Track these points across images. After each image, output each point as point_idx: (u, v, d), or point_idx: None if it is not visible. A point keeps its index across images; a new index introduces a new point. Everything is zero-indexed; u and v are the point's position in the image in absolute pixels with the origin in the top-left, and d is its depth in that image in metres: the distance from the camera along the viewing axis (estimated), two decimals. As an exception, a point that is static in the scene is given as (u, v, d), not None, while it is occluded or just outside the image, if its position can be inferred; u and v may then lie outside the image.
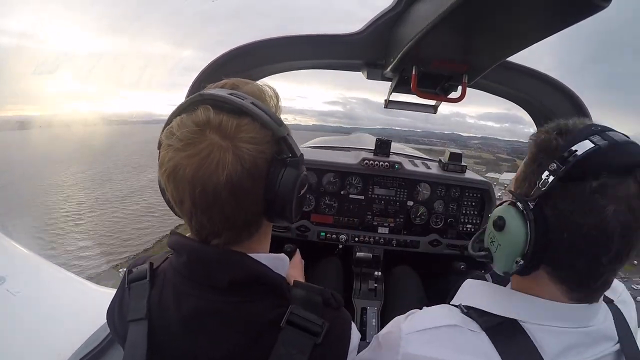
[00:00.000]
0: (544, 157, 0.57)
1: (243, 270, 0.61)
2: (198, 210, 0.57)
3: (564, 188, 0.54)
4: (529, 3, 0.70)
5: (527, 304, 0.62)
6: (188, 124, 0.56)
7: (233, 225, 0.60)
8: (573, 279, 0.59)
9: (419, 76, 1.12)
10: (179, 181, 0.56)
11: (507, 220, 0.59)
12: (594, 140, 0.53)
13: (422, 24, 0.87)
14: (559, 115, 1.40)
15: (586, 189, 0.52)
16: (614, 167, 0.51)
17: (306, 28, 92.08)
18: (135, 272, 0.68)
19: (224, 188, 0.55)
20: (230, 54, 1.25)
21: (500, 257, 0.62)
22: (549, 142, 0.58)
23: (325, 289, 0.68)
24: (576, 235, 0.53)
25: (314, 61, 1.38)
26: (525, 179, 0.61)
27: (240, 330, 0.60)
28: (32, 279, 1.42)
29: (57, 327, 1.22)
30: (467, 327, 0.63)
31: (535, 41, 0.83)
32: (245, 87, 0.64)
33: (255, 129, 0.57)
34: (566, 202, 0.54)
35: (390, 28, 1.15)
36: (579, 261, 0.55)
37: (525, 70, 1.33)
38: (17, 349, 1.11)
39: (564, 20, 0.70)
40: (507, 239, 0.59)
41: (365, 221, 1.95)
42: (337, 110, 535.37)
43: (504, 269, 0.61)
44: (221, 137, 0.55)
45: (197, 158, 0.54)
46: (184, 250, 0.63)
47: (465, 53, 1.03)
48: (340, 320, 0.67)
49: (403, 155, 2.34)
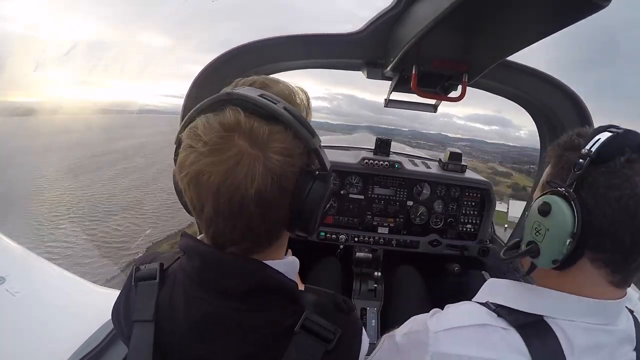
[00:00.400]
0: (570, 154, 0.63)
1: (258, 279, 0.59)
2: (219, 219, 0.55)
3: (597, 169, 0.59)
4: (529, 3, 0.70)
5: (558, 300, 0.64)
6: (215, 126, 0.52)
7: (255, 235, 0.58)
8: (617, 258, 0.61)
9: (419, 75, 1.12)
10: (202, 187, 0.52)
11: (552, 204, 0.61)
12: (611, 130, 0.61)
13: (422, 23, 0.87)
14: (559, 114, 1.41)
15: (617, 164, 0.58)
16: (633, 146, 0.59)
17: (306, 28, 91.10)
18: (144, 271, 0.66)
19: (251, 201, 0.52)
20: (231, 53, 1.25)
21: (550, 242, 0.62)
22: (572, 141, 0.65)
23: (336, 293, 0.67)
24: (616, 208, 0.57)
25: (314, 61, 1.38)
26: (555, 177, 0.66)
27: (253, 338, 0.58)
28: (32, 279, 1.42)
29: (57, 327, 1.22)
30: (498, 325, 0.64)
31: (535, 40, 0.83)
32: (276, 87, 0.61)
33: (287, 138, 0.54)
34: (601, 181, 0.59)
35: (390, 27, 1.15)
36: (622, 235, 0.58)
37: (526, 70, 1.33)
38: (17, 349, 1.11)
39: (563, 19, 0.71)
40: (555, 221, 0.60)
41: (365, 221, 1.95)
42: (323, 106, 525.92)
43: (554, 255, 0.61)
44: (251, 145, 0.51)
45: (225, 167, 0.51)
46: (197, 255, 0.60)
47: (465, 52, 1.04)
48: (352, 326, 0.65)
49: (403, 154, 2.34)
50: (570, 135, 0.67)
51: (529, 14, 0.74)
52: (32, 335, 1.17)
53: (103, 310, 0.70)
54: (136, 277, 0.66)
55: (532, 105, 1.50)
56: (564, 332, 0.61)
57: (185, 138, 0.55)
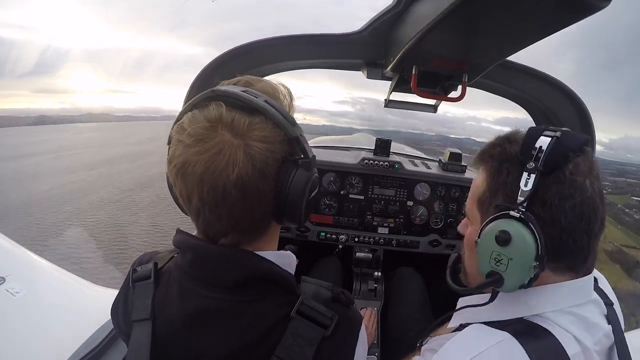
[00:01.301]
0: (509, 165, 0.62)
1: (249, 269, 0.60)
2: (206, 208, 0.56)
3: (546, 181, 0.58)
4: (529, 2, 0.70)
5: (541, 295, 0.64)
6: (200, 119, 0.55)
7: (241, 225, 0.59)
8: (578, 261, 0.62)
9: (419, 75, 1.12)
10: (187, 177, 0.55)
11: (511, 231, 0.58)
12: (547, 134, 0.60)
13: (422, 23, 0.87)
14: (559, 115, 1.40)
15: (565, 173, 0.58)
16: (574, 149, 0.59)
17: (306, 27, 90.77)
18: (140, 272, 0.67)
19: (233, 186, 0.54)
20: (230, 53, 1.25)
21: (515, 271, 0.59)
22: (507, 152, 0.63)
23: (337, 287, 0.68)
24: (572, 218, 0.57)
25: (314, 60, 1.38)
26: (496, 193, 0.64)
27: (247, 329, 0.59)
28: (32, 279, 1.42)
29: (57, 327, 1.22)
30: (509, 335, 0.60)
31: (535, 40, 0.83)
32: (258, 85, 0.63)
33: (267, 127, 0.56)
34: (553, 192, 0.58)
35: (390, 27, 1.15)
36: (580, 241, 0.59)
37: (526, 70, 1.33)
38: (18, 349, 1.11)
39: (563, 19, 0.71)
40: (517, 249, 0.58)
41: (365, 221, 1.95)
42: (347, 110, 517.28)
43: (521, 282, 0.59)
44: (233, 135, 0.54)
45: (208, 155, 0.53)
46: (189, 248, 0.62)
47: (465, 52, 1.04)
48: (350, 316, 0.66)
49: (403, 155, 2.34)
50: (500, 144, 0.64)
51: (529, 14, 0.74)
52: (32, 335, 1.17)
53: (103, 310, 0.70)
54: (133, 279, 0.67)
55: (532, 105, 1.50)
56: (552, 323, 0.61)
57: (174, 134, 0.58)
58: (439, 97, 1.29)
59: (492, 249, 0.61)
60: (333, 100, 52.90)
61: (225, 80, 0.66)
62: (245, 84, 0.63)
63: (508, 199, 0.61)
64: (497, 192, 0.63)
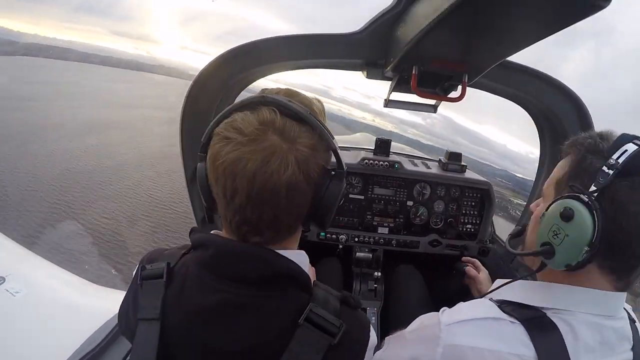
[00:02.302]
0: (593, 157, 0.65)
1: (272, 266, 0.62)
2: (249, 205, 0.58)
3: (620, 182, 0.61)
4: (529, 3, 0.70)
5: (565, 292, 0.67)
6: (252, 121, 0.58)
7: (278, 225, 0.62)
8: (625, 267, 0.64)
9: (419, 75, 1.12)
10: (237, 174, 0.56)
11: (576, 210, 0.61)
12: (637, 143, 0.62)
13: (422, 23, 0.87)
14: (560, 116, 1.41)
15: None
16: None
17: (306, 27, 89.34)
18: (149, 270, 0.67)
19: (283, 187, 0.57)
20: (230, 53, 1.25)
21: (567, 247, 0.63)
22: (597, 145, 0.66)
23: (344, 292, 0.69)
24: (633, 222, 0.60)
25: (314, 60, 1.38)
26: (576, 178, 0.67)
27: (264, 325, 0.60)
28: (32, 279, 1.42)
29: (57, 326, 1.22)
30: (507, 319, 0.67)
31: (536, 41, 0.83)
32: (298, 98, 0.67)
33: (314, 137, 0.60)
34: (623, 193, 0.60)
35: (390, 27, 1.15)
36: (634, 247, 0.61)
37: (526, 70, 1.33)
38: (17, 349, 1.11)
39: (563, 19, 0.71)
40: (576, 229, 0.61)
41: (365, 221, 1.95)
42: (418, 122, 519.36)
43: (569, 260, 0.63)
44: (282, 139, 0.57)
45: (262, 154, 0.56)
46: (212, 244, 0.64)
47: (465, 52, 1.04)
48: (358, 322, 0.67)
49: (403, 155, 2.34)
50: (593, 137, 0.67)
51: (530, 14, 0.74)
52: (32, 335, 1.17)
53: (103, 309, 0.70)
54: (142, 276, 0.67)
55: (532, 106, 1.50)
56: (569, 324, 0.64)
57: (221, 131, 0.60)
58: (438, 97, 1.29)
59: (554, 222, 0.65)
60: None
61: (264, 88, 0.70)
62: (287, 95, 0.66)
63: (584, 185, 0.64)
64: (576, 177, 0.67)
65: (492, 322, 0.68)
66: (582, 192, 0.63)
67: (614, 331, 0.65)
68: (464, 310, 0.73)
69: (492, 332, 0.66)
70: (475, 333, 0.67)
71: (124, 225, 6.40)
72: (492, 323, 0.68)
